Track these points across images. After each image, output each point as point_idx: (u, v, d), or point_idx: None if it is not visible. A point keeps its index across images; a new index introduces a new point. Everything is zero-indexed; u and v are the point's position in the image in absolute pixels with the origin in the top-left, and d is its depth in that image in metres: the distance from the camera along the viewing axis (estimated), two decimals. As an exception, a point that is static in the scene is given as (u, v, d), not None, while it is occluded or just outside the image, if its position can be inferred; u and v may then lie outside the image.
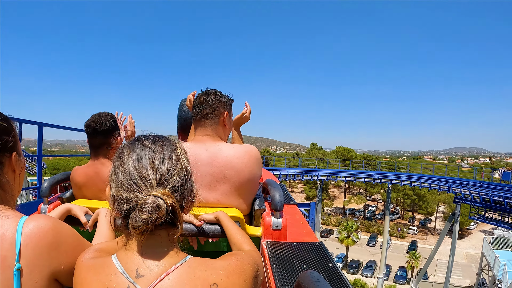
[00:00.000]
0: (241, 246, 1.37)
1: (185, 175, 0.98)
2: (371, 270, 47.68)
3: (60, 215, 1.68)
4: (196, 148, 1.93)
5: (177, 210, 0.92)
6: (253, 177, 1.98)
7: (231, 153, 1.93)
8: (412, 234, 66.09)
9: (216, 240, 1.73)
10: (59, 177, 2.38)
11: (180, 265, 0.92)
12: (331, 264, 1.52)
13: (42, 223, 1.00)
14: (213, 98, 2.04)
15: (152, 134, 1.05)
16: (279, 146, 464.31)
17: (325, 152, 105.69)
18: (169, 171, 0.95)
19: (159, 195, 0.90)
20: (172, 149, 0.99)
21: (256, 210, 1.97)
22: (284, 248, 1.68)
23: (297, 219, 2.31)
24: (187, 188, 0.99)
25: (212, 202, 1.90)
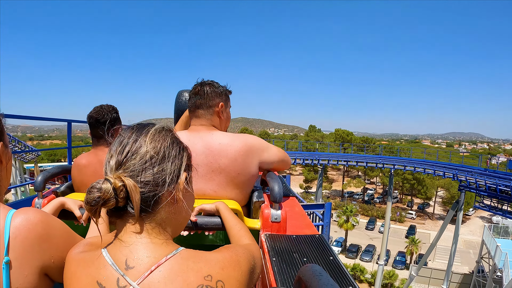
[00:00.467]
0: (240, 238, 1.35)
1: (151, 159, 0.90)
2: (370, 255, 47.28)
3: (54, 209, 1.66)
4: (191, 137, 1.93)
5: (132, 192, 0.86)
6: (248, 166, 1.94)
7: (224, 141, 1.91)
8: (411, 218, 65.88)
9: (214, 232, 1.72)
10: (54, 171, 2.29)
11: (172, 256, 0.87)
12: (332, 257, 1.49)
13: (31, 216, 0.98)
14: (208, 89, 2.04)
15: (144, 123, 1.01)
16: (277, 128, 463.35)
17: (323, 134, 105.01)
18: (127, 154, 0.90)
19: (109, 177, 0.86)
20: (140, 134, 0.93)
21: (255, 202, 1.93)
22: (284, 241, 1.65)
23: (297, 211, 2.21)
24: (159, 174, 0.91)
25: (209, 194, 1.89)
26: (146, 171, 0.89)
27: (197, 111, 2.05)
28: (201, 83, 2.08)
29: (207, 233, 1.69)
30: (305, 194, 77.80)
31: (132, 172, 0.88)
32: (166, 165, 0.93)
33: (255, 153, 1.99)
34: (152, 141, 0.93)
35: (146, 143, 0.92)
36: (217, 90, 2.07)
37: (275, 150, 2.14)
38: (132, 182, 0.86)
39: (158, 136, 0.95)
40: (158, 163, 0.91)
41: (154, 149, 0.92)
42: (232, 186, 1.93)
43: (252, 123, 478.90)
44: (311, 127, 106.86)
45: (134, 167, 0.89)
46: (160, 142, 0.94)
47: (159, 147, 0.93)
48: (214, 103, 2.05)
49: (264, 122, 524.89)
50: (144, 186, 0.89)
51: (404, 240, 54.21)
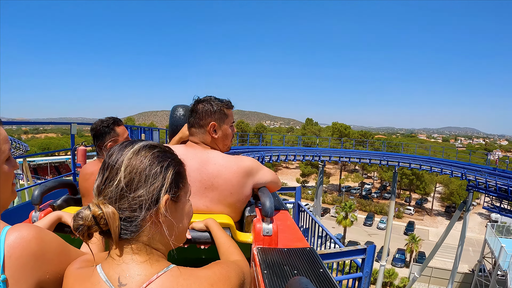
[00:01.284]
0: (229, 255, 1.38)
1: (126, 185, 0.91)
2: (368, 252, 45.78)
3: (51, 222, 1.68)
4: (187, 152, 1.96)
5: (110, 219, 0.89)
6: (242, 188, 1.97)
7: (220, 162, 1.94)
8: (409, 214, 64.90)
9: (208, 246, 1.70)
10: (51, 185, 2.21)
11: (163, 274, 0.91)
12: (321, 270, 1.54)
13: (25, 233, 0.97)
14: (201, 108, 2.03)
15: (130, 141, 1.03)
16: (273, 120, 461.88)
17: (320, 127, 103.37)
18: (105, 181, 0.93)
19: (91, 204, 0.90)
20: (120, 156, 0.95)
21: (247, 216, 1.98)
22: (275, 254, 1.68)
23: (288, 225, 2.22)
24: (136, 200, 0.92)
25: (202, 209, 1.91)
26: (122, 198, 0.91)
27: (191, 129, 2.07)
28: (197, 100, 2.07)
29: (203, 247, 1.67)
30: (302, 188, 76.60)
31: (110, 199, 0.91)
32: (143, 191, 0.92)
33: (250, 175, 2.00)
34: (128, 165, 0.93)
35: (122, 168, 0.92)
36: (211, 108, 2.03)
37: (268, 173, 2.15)
38: (110, 210, 0.89)
39: (135, 159, 0.94)
40: (134, 189, 0.92)
41: (130, 175, 0.92)
42: (225, 204, 1.93)
43: (248, 116, 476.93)
44: (308, 120, 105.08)
45: (111, 194, 0.91)
46: (137, 166, 0.93)
47: (135, 172, 0.93)
48: (205, 123, 2.02)
49: (260, 114, 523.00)
50: (123, 212, 0.91)
51: (403, 236, 53.51)
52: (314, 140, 66.17)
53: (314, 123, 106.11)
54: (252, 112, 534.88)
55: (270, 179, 2.16)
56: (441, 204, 71.58)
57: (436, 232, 56.68)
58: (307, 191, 74.08)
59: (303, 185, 79.15)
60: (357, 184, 79.09)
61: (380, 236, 52.70)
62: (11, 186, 1.17)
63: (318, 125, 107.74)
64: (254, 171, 2.04)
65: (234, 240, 1.58)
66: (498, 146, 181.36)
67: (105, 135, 2.67)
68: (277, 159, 30.83)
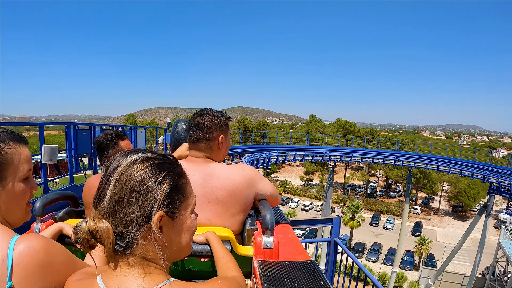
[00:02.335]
0: (227, 270, 1.39)
1: (118, 202, 0.90)
2: (376, 254, 44.10)
3: (53, 234, 1.71)
4: (189, 168, 1.91)
5: (103, 234, 0.88)
6: (245, 197, 1.99)
7: (223, 175, 1.95)
8: (416, 213, 62.91)
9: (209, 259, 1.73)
10: (53, 197, 2.24)
11: (162, 286, 0.91)
12: (323, 282, 1.56)
13: (34, 243, 1.01)
14: (208, 121, 2.04)
15: (133, 149, 1.02)
16: (275, 117, 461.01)
17: (324, 124, 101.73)
18: (100, 196, 0.92)
19: (88, 219, 0.90)
20: (115, 170, 0.93)
21: (248, 229, 1.98)
22: (276, 267, 1.70)
23: (290, 238, 2.23)
24: (127, 217, 0.89)
25: (204, 223, 1.91)
26: (115, 214, 0.90)
27: (198, 144, 2.05)
28: (201, 113, 2.08)
29: (203, 260, 1.69)
30: (306, 187, 75.06)
31: (105, 214, 0.90)
32: (134, 208, 0.90)
33: (252, 185, 2.02)
34: (118, 181, 0.91)
35: (114, 183, 0.91)
36: (217, 121, 2.05)
37: (268, 185, 2.16)
38: (104, 225, 0.89)
39: (126, 175, 0.92)
40: (125, 206, 0.90)
41: (120, 191, 0.90)
42: (227, 215, 1.94)
43: (250, 112, 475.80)
44: (311, 117, 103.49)
45: (105, 209, 0.90)
46: (128, 182, 0.91)
47: (125, 189, 0.90)
48: (214, 136, 2.05)
49: (262, 111, 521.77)
50: (116, 228, 0.90)
51: (410, 237, 51.48)
52: (319, 138, 64.56)
53: (317, 119, 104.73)
54: (254, 108, 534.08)
55: (270, 192, 2.15)
56: (447, 203, 69.74)
57: (443, 232, 55.07)
58: (311, 189, 72.70)
59: (307, 183, 77.63)
60: (362, 182, 77.30)
61: (387, 237, 51.51)
62: (26, 207, 1.22)
63: (321, 121, 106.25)
64: (255, 180, 2.04)
65: (233, 254, 1.67)
66: (502, 144, 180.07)
67: (109, 149, 2.68)
68: (285, 160, 28.62)
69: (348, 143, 59.42)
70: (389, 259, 42.49)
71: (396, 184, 79.36)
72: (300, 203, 64.35)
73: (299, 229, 48.81)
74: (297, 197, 69.86)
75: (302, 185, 77.39)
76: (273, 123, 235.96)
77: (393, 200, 70.30)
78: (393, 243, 47.08)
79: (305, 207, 61.69)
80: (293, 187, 73.74)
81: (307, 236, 47.07)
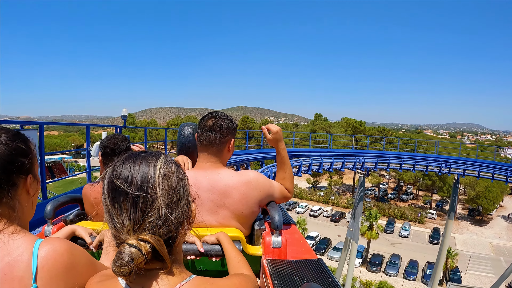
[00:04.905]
0: (239, 270, 1.42)
1: (167, 209, 0.92)
2: (396, 268, 39.51)
3: (65, 236, 1.74)
4: (197, 175, 2.01)
5: (161, 249, 0.90)
6: (253, 204, 2.04)
7: (229, 183, 1.99)
8: (431, 218, 58.71)
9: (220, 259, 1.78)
10: (63, 200, 2.32)
11: (185, 283, 0.93)
12: (330, 279, 1.60)
13: (58, 246, 1.05)
14: (224, 124, 2.06)
15: (135, 155, 0.99)
16: (277, 116, 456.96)
17: (330, 123, 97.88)
18: (144, 214, 0.90)
19: (134, 243, 0.87)
20: (146, 184, 0.91)
21: (257, 230, 2.04)
22: (285, 266, 1.75)
23: (296, 238, 2.28)
24: (177, 219, 0.94)
25: (214, 225, 1.97)
26: (165, 221, 0.91)
27: (210, 147, 2.07)
28: (215, 116, 2.10)
29: (214, 259, 1.74)
30: (313, 190, 71.02)
31: (153, 228, 0.90)
32: (180, 208, 0.95)
33: (256, 188, 2.05)
34: (162, 188, 0.92)
35: (158, 194, 0.91)
36: (230, 125, 2.09)
37: (275, 186, 2.21)
38: (156, 239, 0.89)
39: (166, 180, 0.93)
40: (173, 210, 0.93)
41: (167, 198, 0.92)
42: (236, 220, 2.00)
43: (252, 112, 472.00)
44: (316, 116, 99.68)
45: (153, 223, 0.90)
46: (171, 186, 0.94)
47: (171, 194, 0.93)
48: (227, 139, 2.09)
49: (264, 111, 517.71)
50: (166, 235, 0.92)
51: (428, 246, 47.66)
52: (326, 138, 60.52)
53: (323, 118, 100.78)
54: (256, 108, 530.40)
55: (277, 194, 2.22)
56: (462, 206, 65.46)
57: (463, 239, 51.08)
58: (318, 192, 68.63)
59: (314, 185, 73.68)
60: (371, 184, 72.98)
61: (404, 246, 47.47)
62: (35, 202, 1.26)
63: (327, 120, 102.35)
64: (261, 185, 2.08)
65: (243, 254, 1.70)
66: (506, 143, 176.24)
67: (115, 156, 2.41)
68: (309, 169, 21.36)
69: (358, 144, 55.54)
70: (410, 273, 38.46)
71: (407, 186, 75.30)
72: (308, 208, 60.42)
73: (309, 239, 45.07)
74: (304, 201, 65.92)
75: (309, 188, 73.21)
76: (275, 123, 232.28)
77: (406, 203, 66.34)
78: (412, 253, 43.77)
79: (313, 213, 57.90)
80: (300, 190, 69.38)
81: (318, 247, 43.75)
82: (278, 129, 2.30)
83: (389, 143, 54.43)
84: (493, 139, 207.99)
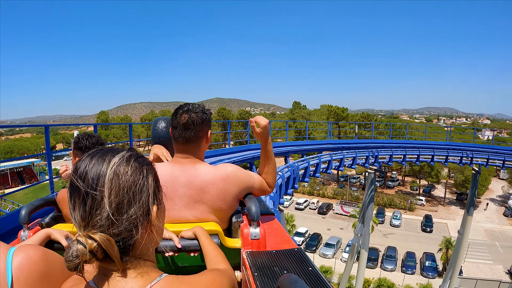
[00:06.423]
0: (216, 263, 1.41)
1: (117, 209, 0.87)
2: (393, 262, 36.84)
3: (41, 240, 1.67)
4: (174, 169, 1.98)
5: (109, 249, 0.86)
6: (231, 199, 2.01)
7: (207, 179, 1.96)
8: (421, 205, 56.92)
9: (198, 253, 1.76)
10: (37, 203, 2.25)
11: (155, 284, 0.90)
12: (310, 268, 1.60)
13: (32, 254, 1.03)
14: (197, 119, 1.99)
15: (99, 150, 0.95)
16: (253, 106, 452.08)
17: (310, 111, 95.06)
18: (91, 210, 0.86)
19: (82, 240, 0.84)
20: (98, 178, 0.88)
21: (234, 222, 2.04)
22: (264, 257, 1.74)
23: (275, 228, 2.29)
24: (129, 221, 0.89)
25: (192, 220, 1.95)
26: (116, 222, 0.87)
27: (187, 144, 2.01)
28: (187, 110, 2.00)
29: (192, 254, 1.72)
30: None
31: (102, 227, 0.86)
32: (134, 209, 0.90)
33: (236, 182, 2.02)
34: (112, 187, 0.87)
35: (109, 192, 0.87)
36: (204, 117, 2.02)
37: (253, 178, 2.17)
38: (104, 238, 0.85)
39: (117, 179, 0.89)
40: (125, 211, 0.88)
41: (117, 198, 0.88)
42: (214, 214, 1.98)
43: (228, 103, 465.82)
44: (295, 104, 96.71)
45: (102, 222, 0.86)
46: (123, 185, 0.89)
47: (122, 193, 0.89)
48: (203, 134, 2.04)
49: (240, 101, 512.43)
50: (118, 236, 0.88)
51: (422, 234, 45.79)
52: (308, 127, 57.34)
53: (302, 106, 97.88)
54: (231, 99, 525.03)
55: (256, 186, 2.18)
56: (449, 190, 63.78)
57: (455, 225, 48.77)
58: (302, 183, 65.16)
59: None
60: (355, 172, 70.17)
61: (397, 236, 45.17)
62: None
63: (306, 108, 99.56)
64: (239, 178, 2.05)
65: (222, 247, 1.71)
66: (482, 125, 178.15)
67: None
68: (315, 173, 17.09)
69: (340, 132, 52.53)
70: (409, 267, 35.97)
71: (392, 172, 72.98)
72: (293, 201, 57.17)
73: (298, 235, 42.17)
74: (288, 193, 61.87)
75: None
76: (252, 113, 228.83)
77: (393, 190, 64.45)
78: (407, 244, 41.56)
79: (299, 206, 55.08)
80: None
81: (308, 244, 40.81)
82: (267, 123, 2.17)
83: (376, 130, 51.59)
84: (469, 122, 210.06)
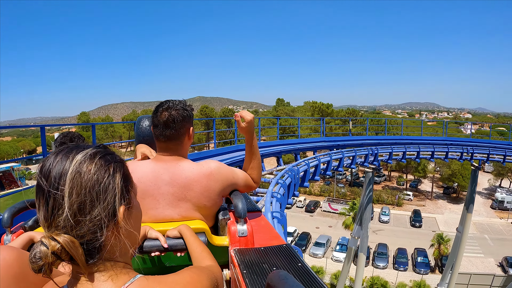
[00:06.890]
0: (202, 261, 1.40)
1: (79, 210, 0.83)
2: (384, 259, 36.27)
3: (23, 244, 1.64)
4: (157, 167, 1.95)
5: (72, 251, 0.82)
6: (215, 195, 2.00)
7: (190, 176, 1.94)
8: (408, 200, 56.82)
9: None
10: (20, 206, 2.20)
11: (129, 285, 0.88)
12: (300, 264, 1.59)
13: (6, 256, 1.01)
14: (178, 117, 1.95)
15: (66, 147, 0.90)
16: (235, 105, 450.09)
17: (293, 108, 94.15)
18: (53, 210, 0.82)
19: (45, 241, 0.81)
20: (60, 177, 0.84)
21: (221, 220, 2.02)
22: (253, 254, 1.73)
23: (263, 225, 2.29)
24: (93, 222, 0.84)
25: (176, 218, 1.93)
26: (78, 223, 0.83)
27: (168, 142, 1.98)
28: (167, 107, 1.96)
29: (179, 254, 1.69)
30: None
31: (65, 228, 0.82)
32: (98, 210, 0.85)
33: (220, 179, 2.02)
34: (73, 186, 0.83)
35: (69, 191, 0.82)
36: (185, 114, 1.99)
37: (237, 174, 2.17)
38: (68, 240, 0.81)
39: (79, 178, 0.84)
40: (88, 211, 0.84)
41: (79, 197, 0.83)
42: (199, 212, 1.96)
43: (210, 102, 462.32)
44: (278, 101, 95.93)
45: (64, 223, 0.82)
46: (84, 185, 0.84)
47: (84, 193, 0.84)
48: (185, 130, 2.01)
49: (222, 100, 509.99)
50: (82, 237, 0.84)
51: (411, 229, 45.38)
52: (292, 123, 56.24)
53: (286, 103, 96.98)
54: (214, 98, 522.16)
55: (241, 182, 2.18)
56: (436, 185, 63.74)
57: (444, 219, 49.03)
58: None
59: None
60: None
61: (386, 232, 44.69)
62: None
63: (290, 105, 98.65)
64: (223, 174, 2.04)
65: (209, 246, 1.69)
66: (464, 119, 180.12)
67: None
68: (314, 175, 15.50)
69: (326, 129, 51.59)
70: (401, 263, 35.45)
71: (379, 167, 72.61)
72: (280, 200, 55.46)
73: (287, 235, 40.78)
74: (273, 190, 60.80)
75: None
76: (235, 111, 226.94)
77: (379, 186, 63.68)
78: (397, 240, 41.00)
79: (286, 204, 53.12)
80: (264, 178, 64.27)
81: (298, 244, 39.40)
82: (252, 117, 2.17)
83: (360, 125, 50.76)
84: (451, 116, 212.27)
